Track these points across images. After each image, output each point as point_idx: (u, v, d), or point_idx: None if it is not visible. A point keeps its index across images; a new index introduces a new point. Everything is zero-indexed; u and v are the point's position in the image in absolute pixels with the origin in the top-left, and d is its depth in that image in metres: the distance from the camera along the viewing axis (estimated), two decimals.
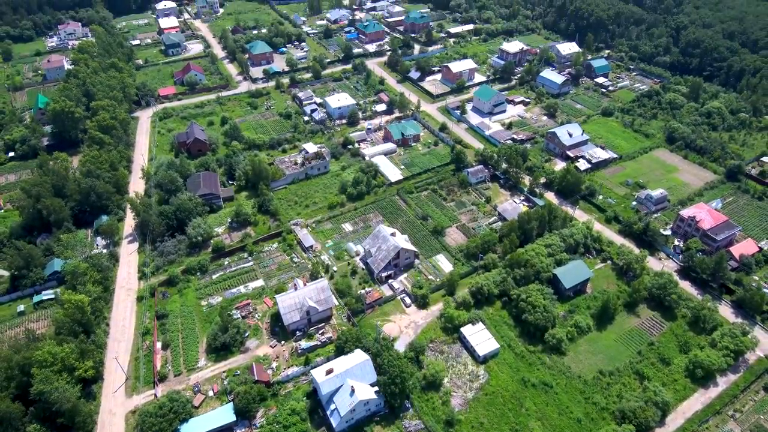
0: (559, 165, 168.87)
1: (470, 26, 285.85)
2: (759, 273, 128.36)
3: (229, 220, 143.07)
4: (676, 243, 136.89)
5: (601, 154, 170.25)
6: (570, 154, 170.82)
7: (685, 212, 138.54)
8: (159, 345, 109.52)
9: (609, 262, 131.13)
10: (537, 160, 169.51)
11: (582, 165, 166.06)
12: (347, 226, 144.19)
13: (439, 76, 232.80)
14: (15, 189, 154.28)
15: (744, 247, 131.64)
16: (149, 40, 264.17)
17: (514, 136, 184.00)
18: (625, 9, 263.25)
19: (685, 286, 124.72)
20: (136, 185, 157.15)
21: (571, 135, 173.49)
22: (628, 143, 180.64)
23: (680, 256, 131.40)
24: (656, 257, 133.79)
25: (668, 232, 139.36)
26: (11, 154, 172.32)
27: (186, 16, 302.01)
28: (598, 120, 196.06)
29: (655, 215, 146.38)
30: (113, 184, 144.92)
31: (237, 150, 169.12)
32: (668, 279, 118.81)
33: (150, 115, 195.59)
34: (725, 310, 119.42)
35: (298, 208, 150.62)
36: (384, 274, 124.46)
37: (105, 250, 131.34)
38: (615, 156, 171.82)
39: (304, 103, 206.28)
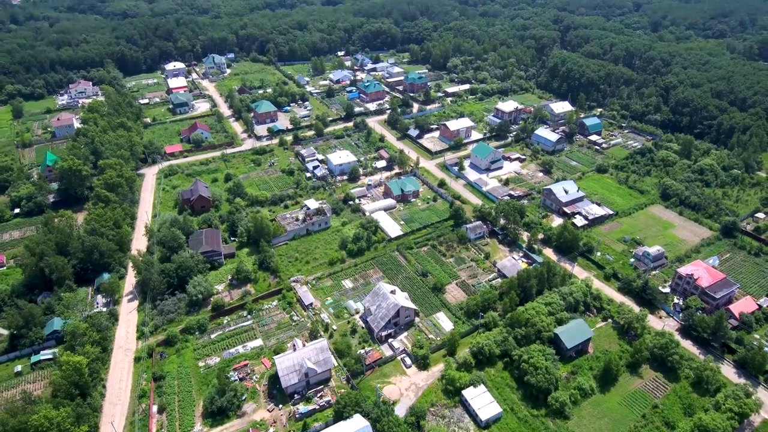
0: (557, 221, 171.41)
1: (467, 86, 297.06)
2: (760, 331, 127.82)
3: (229, 277, 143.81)
4: (676, 301, 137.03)
5: (598, 211, 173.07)
6: (567, 210, 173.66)
7: (683, 270, 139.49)
8: (155, 408, 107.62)
9: (610, 320, 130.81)
10: (534, 216, 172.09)
11: (579, 221, 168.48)
12: (347, 283, 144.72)
13: (437, 134, 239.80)
14: (19, 246, 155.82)
15: (743, 305, 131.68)
16: (158, 99, 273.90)
17: (512, 193, 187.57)
18: (615, 70, 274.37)
19: (687, 345, 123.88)
20: (139, 242, 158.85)
21: (567, 192, 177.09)
22: (624, 199, 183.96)
23: (680, 315, 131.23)
24: (656, 315, 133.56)
25: (667, 290, 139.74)
26: (17, 210, 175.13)
27: (194, 76, 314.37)
28: (593, 176, 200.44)
29: (654, 272, 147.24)
30: (116, 241, 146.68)
31: (240, 206, 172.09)
32: (669, 339, 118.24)
33: (156, 172, 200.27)
34: (728, 370, 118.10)
35: (298, 264, 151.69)
36: (384, 333, 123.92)
37: (105, 309, 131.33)
38: (611, 212, 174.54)
39: (306, 159, 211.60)
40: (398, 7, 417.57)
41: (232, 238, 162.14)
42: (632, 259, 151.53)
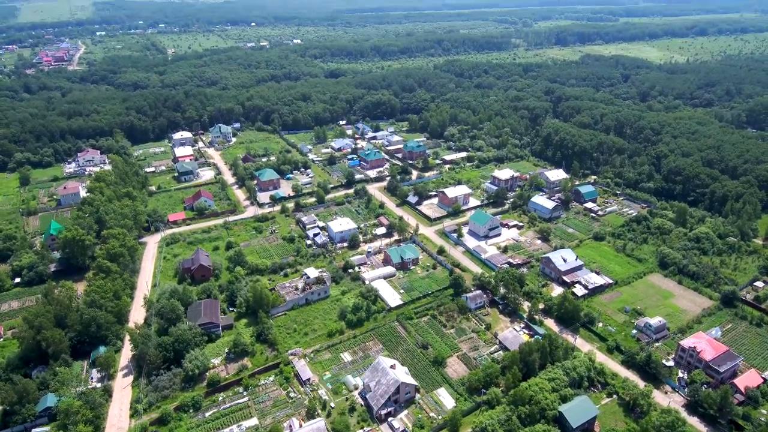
0: (556, 290, 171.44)
1: (464, 154, 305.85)
2: (766, 406, 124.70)
3: (226, 350, 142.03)
4: (680, 375, 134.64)
5: (597, 280, 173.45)
6: (566, 279, 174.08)
7: (686, 342, 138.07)
8: None
9: (615, 396, 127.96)
10: (534, 284, 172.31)
11: (579, 291, 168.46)
12: (346, 356, 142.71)
13: (436, 201, 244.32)
14: (17, 316, 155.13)
15: (748, 379, 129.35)
16: (163, 167, 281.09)
17: (511, 260, 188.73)
18: (607, 139, 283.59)
19: (694, 422, 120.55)
20: (138, 313, 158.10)
21: (565, 260, 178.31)
22: (622, 268, 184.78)
23: (685, 390, 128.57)
24: (661, 390, 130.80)
25: (671, 363, 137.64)
26: (17, 280, 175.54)
27: (200, 144, 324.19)
28: (591, 244, 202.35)
29: (657, 344, 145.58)
30: (115, 313, 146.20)
31: (240, 276, 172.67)
32: (676, 416, 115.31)
33: (158, 240, 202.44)
34: None
35: (296, 336, 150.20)
36: (383, 412, 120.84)
37: (99, 384, 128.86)
38: (611, 281, 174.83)
39: (307, 227, 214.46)
40: (397, 79, 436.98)
41: (230, 309, 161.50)
42: (634, 331, 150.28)
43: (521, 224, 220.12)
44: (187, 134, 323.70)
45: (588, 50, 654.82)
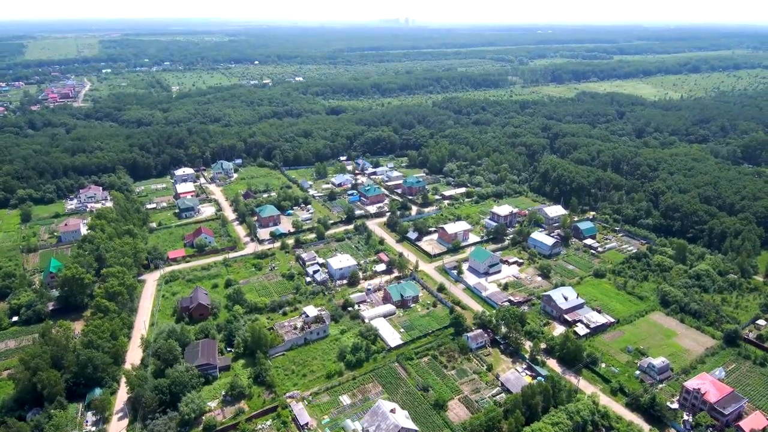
0: (558, 329, 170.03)
1: (463, 189, 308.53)
2: None
3: (223, 393, 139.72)
4: (685, 417, 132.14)
5: (599, 319, 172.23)
6: (568, 318, 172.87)
7: (690, 384, 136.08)
8: None
9: None
10: (536, 323, 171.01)
11: (581, 330, 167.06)
12: (345, 399, 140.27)
13: (435, 236, 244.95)
14: (13, 356, 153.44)
15: (754, 422, 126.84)
16: (165, 204, 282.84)
17: (511, 298, 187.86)
18: (604, 176, 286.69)
19: None
20: (134, 353, 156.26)
21: (566, 298, 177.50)
22: (623, 306, 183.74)
23: None
24: None
25: (675, 406, 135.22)
26: (15, 318, 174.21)
27: (202, 180, 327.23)
28: (591, 281, 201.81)
29: (660, 386, 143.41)
30: (112, 354, 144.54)
31: (238, 314, 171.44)
32: None
33: (157, 278, 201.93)
34: None
35: (295, 377, 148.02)
36: None
37: (94, 428, 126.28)
38: (612, 320, 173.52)
39: (307, 263, 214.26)
40: (397, 116, 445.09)
41: (228, 349, 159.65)
42: (637, 372, 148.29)
43: (521, 261, 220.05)
44: (189, 170, 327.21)
45: (583, 87, 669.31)
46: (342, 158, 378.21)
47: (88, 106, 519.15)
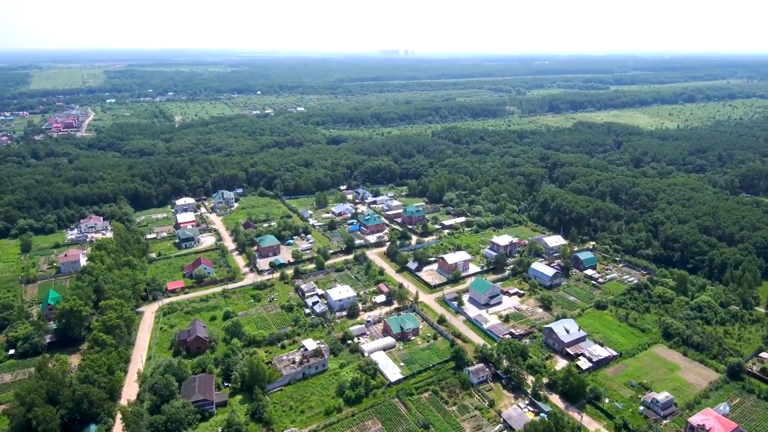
0: (560, 362, 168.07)
1: (462, 219, 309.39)
2: None
3: (220, 430, 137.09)
4: None
5: (601, 352, 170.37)
6: (570, 351, 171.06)
7: (694, 420, 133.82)
8: None
9: None
10: (537, 357, 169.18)
11: (583, 364, 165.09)
12: None
13: (435, 266, 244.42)
14: (9, 390, 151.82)
15: None
16: (165, 234, 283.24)
17: (513, 331, 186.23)
18: (603, 206, 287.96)
19: None
20: (131, 388, 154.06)
21: (568, 331, 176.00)
22: (626, 338, 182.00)
23: None
24: None
25: None
26: (11, 351, 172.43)
27: (203, 210, 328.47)
28: (593, 313, 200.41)
29: (665, 422, 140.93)
30: (108, 389, 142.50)
31: (236, 348, 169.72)
32: None
33: (155, 310, 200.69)
34: None
35: (293, 414, 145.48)
36: None
37: None
38: (615, 354, 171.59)
39: (306, 294, 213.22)
40: (397, 146, 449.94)
41: (225, 384, 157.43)
42: (641, 407, 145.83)
43: (522, 292, 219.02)
44: (190, 200, 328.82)
45: (580, 117, 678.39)
46: (342, 187, 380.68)
47: (91, 136, 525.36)
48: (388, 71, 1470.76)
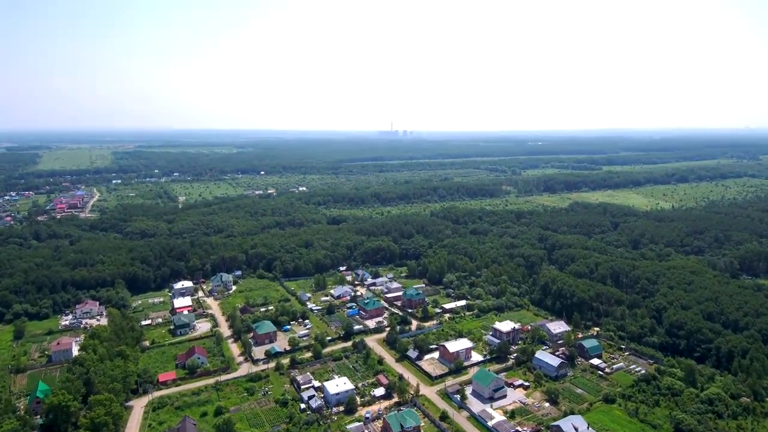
0: None
1: (463, 302, 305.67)
2: None
3: None
4: None
5: None
6: None
7: None
8: None
9: None
10: None
11: None
12: None
13: (436, 355, 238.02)
14: None
15: None
16: (160, 320, 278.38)
17: (519, 429, 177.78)
18: (604, 290, 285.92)
19: None
20: None
21: (577, 429, 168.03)
22: None
23: None
24: None
25: None
26: None
27: (200, 293, 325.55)
28: (602, 408, 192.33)
29: None
30: None
31: None
32: None
33: (145, 404, 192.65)
34: None
35: None
36: None
37: None
38: None
39: (302, 387, 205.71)
40: (396, 226, 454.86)
41: None
42: None
43: (527, 384, 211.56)
44: (188, 283, 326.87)
45: (576, 197, 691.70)
46: (342, 268, 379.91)
47: (94, 218, 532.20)
48: (388, 151, 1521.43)
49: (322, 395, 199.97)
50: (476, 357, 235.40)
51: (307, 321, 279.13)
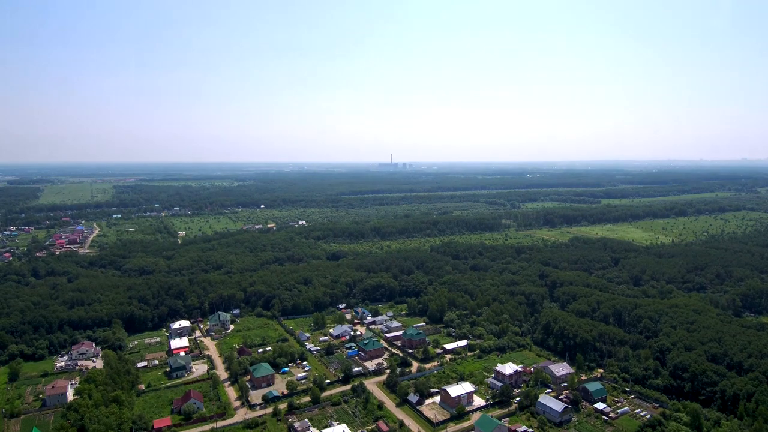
0: None
1: (464, 342, 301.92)
2: None
3: None
4: None
5: None
6: None
7: None
8: None
9: None
10: None
11: None
12: None
13: (438, 399, 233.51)
14: None
15: None
16: (156, 361, 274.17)
17: None
18: (607, 330, 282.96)
19: None
20: None
21: None
22: None
23: None
24: None
25: None
26: None
27: (197, 333, 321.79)
28: None
29: None
30: None
31: None
32: None
33: None
34: None
35: None
36: None
37: None
38: None
39: None
40: (396, 262, 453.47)
41: None
42: None
43: (530, 430, 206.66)
44: (185, 323, 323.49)
45: (575, 231, 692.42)
46: (341, 306, 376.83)
47: (93, 254, 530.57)
48: (387, 184, 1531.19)
49: None
50: (478, 401, 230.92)
51: (305, 363, 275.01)
